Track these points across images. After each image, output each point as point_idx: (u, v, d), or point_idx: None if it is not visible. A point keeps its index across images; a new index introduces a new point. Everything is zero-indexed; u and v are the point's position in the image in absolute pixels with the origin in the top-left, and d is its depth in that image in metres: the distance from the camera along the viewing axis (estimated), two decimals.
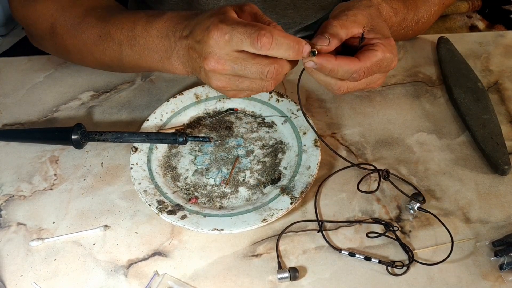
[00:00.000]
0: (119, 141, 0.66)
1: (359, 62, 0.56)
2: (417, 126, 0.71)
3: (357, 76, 0.56)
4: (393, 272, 0.56)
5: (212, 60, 0.53)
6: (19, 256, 0.59)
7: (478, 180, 0.65)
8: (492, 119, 0.69)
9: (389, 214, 0.61)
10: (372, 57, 0.57)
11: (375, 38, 0.58)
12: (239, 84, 0.55)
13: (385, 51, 0.57)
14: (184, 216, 0.59)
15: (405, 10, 0.70)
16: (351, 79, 0.57)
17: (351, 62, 0.56)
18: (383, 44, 0.57)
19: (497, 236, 0.59)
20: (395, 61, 0.59)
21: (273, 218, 0.58)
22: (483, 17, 1.13)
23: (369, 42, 0.58)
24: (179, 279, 0.56)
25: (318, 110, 0.73)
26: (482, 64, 0.80)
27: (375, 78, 0.60)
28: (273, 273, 0.56)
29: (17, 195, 0.65)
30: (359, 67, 0.56)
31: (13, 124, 0.73)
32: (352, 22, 0.58)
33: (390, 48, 0.58)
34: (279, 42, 0.51)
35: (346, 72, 0.56)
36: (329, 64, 0.55)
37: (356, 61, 0.56)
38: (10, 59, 0.84)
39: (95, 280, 0.56)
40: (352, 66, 0.56)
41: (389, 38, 0.59)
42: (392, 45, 0.58)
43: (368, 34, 0.58)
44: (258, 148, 0.68)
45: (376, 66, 0.57)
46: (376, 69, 0.57)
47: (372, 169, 0.63)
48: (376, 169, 0.63)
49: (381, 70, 0.58)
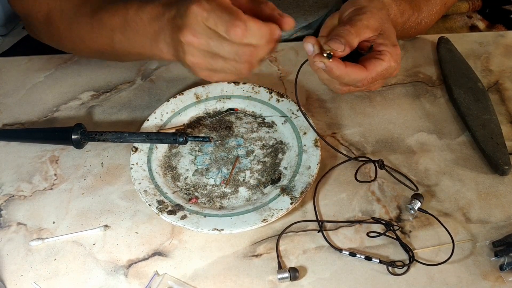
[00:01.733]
0: (119, 141, 0.66)
1: (365, 71, 0.58)
2: (417, 126, 0.71)
3: (360, 84, 0.59)
4: (394, 272, 0.56)
5: (189, 33, 0.52)
6: (19, 256, 0.59)
7: (478, 180, 0.65)
8: (492, 119, 0.69)
9: (389, 214, 0.61)
10: (378, 67, 0.58)
11: (383, 44, 0.59)
12: (213, 63, 0.54)
13: (390, 61, 0.59)
14: (184, 216, 0.59)
15: (411, 11, 0.71)
16: (355, 85, 0.59)
17: (359, 71, 0.58)
18: (390, 53, 0.59)
19: (497, 236, 0.59)
20: (397, 70, 0.60)
21: (273, 218, 0.58)
22: (483, 17, 1.13)
23: (376, 49, 0.60)
24: (179, 279, 0.56)
25: (318, 110, 0.73)
26: (482, 64, 0.80)
27: (376, 82, 0.61)
28: (273, 273, 0.56)
29: (17, 195, 0.65)
30: (364, 76, 0.58)
31: (13, 124, 0.73)
32: (365, 27, 0.58)
33: (395, 57, 0.59)
34: (253, 32, 0.51)
35: (352, 80, 0.58)
36: (338, 71, 0.56)
37: (363, 70, 0.58)
38: (10, 59, 0.84)
39: (95, 280, 0.56)
40: (359, 75, 0.58)
41: (396, 46, 0.60)
42: (397, 54, 0.60)
43: (377, 39, 0.59)
44: (258, 148, 0.68)
45: (380, 75, 0.59)
46: (379, 77, 0.59)
47: (367, 159, 0.64)
48: (370, 160, 0.64)
49: (383, 77, 0.60)
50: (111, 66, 0.80)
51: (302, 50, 0.81)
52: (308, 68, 0.79)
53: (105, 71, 0.79)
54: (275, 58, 0.81)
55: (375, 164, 0.64)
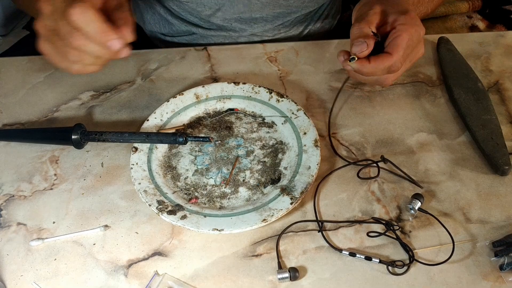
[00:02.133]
0: (119, 141, 0.66)
1: (391, 56, 0.60)
2: (417, 126, 0.71)
3: (395, 68, 0.61)
4: (394, 272, 0.56)
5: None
6: (19, 256, 0.59)
7: (478, 180, 0.65)
8: (492, 120, 0.69)
9: (389, 214, 0.61)
10: (400, 43, 0.60)
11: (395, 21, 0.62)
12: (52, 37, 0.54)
13: (408, 29, 0.60)
14: (184, 216, 0.59)
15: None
16: (391, 72, 0.61)
17: (385, 59, 0.60)
18: (403, 23, 0.61)
19: (497, 236, 0.59)
20: (422, 31, 0.61)
21: (273, 218, 0.58)
22: (483, 17, 1.13)
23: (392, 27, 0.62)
24: (179, 279, 0.56)
25: (318, 110, 0.73)
26: (482, 64, 0.80)
27: (412, 53, 0.63)
28: (273, 273, 0.56)
29: (17, 195, 0.65)
30: (394, 60, 0.60)
31: (13, 124, 0.73)
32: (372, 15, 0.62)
33: (411, 22, 0.61)
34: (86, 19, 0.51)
35: (384, 69, 0.60)
36: (365, 68, 0.61)
37: (389, 56, 0.60)
38: (10, 59, 0.83)
39: (95, 280, 0.56)
40: (387, 62, 0.60)
41: (407, 13, 0.62)
42: (412, 18, 0.61)
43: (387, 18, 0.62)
44: (258, 148, 0.68)
45: (408, 48, 0.60)
46: (409, 50, 0.61)
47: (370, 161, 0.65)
48: (373, 161, 0.65)
49: (414, 45, 0.61)
50: (111, 66, 0.80)
51: (302, 50, 0.82)
52: (308, 68, 0.79)
53: (105, 71, 0.79)
54: (275, 58, 0.81)
55: (378, 166, 0.64)
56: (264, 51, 0.82)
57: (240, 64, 0.80)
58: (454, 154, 0.67)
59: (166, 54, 0.82)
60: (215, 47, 0.83)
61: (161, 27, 0.91)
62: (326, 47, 0.82)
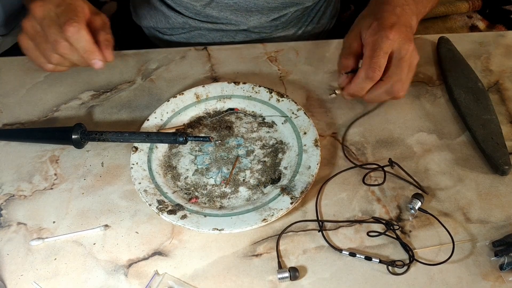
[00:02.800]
0: (119, 140, 0.66)
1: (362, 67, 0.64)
2: (417, 126, 0.71)
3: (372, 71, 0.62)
4: (394, 272, 0.56)
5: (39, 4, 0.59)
6: (19, 256, 0.59)
7: (478, 180, 0.65)
8: (493, 119, 0.69)
9: (389, 214, 0.61)
10: (365, 54, 0.63)
11: (363, 39, 0.65)
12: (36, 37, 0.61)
13: (367, 39, 0.63)
14: (184, 216, 0.59)
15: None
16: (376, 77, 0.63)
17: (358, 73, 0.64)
18: (365, 38, 0.64)
19: (497, 236, 0.59)
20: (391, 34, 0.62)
21: (273, 218, 0.58)
22: (483, 17, 1.13)
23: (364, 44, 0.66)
24: (179, 279, 0.56)
25: (318, 110, 0.73)
26: (483, 64, 0.80)
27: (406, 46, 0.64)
28: (273, 273, 0.56)
29: (18, 194, 0.65)
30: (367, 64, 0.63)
31: (13, 124, 0.73)
32: (348, 47, 0.67)
33: (372, 33, 0.63)
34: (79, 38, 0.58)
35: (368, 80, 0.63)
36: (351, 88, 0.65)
37: (360, 69, 0.64)
38: (10, 59, 0.83)
39: (95, 279, 0.56)
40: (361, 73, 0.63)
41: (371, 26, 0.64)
42: (373, 29, 0.63)
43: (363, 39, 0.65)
44: (259, 148, 0.68)
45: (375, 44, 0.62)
46: (376, 52, 0.62)
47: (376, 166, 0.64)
48: (380, 166, 0.64)
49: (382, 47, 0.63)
50: (111, 66, 0.80)
51: (302, 50, 0.82)
52: (308, 68, 0.79)
53: (105, 71, 0.79)
54: (275, 58, 0.81)
55: (385, 171, 0.63)
56: (264, 51, 0.82)
57: (240, 64, 0.80)
58: (454, 154, 0.67)
59: (166, 54, 0.82)
60: (215, 46, 0.83)
61: (158, 21, 0.90)
62: (326, 47, 0.82)
